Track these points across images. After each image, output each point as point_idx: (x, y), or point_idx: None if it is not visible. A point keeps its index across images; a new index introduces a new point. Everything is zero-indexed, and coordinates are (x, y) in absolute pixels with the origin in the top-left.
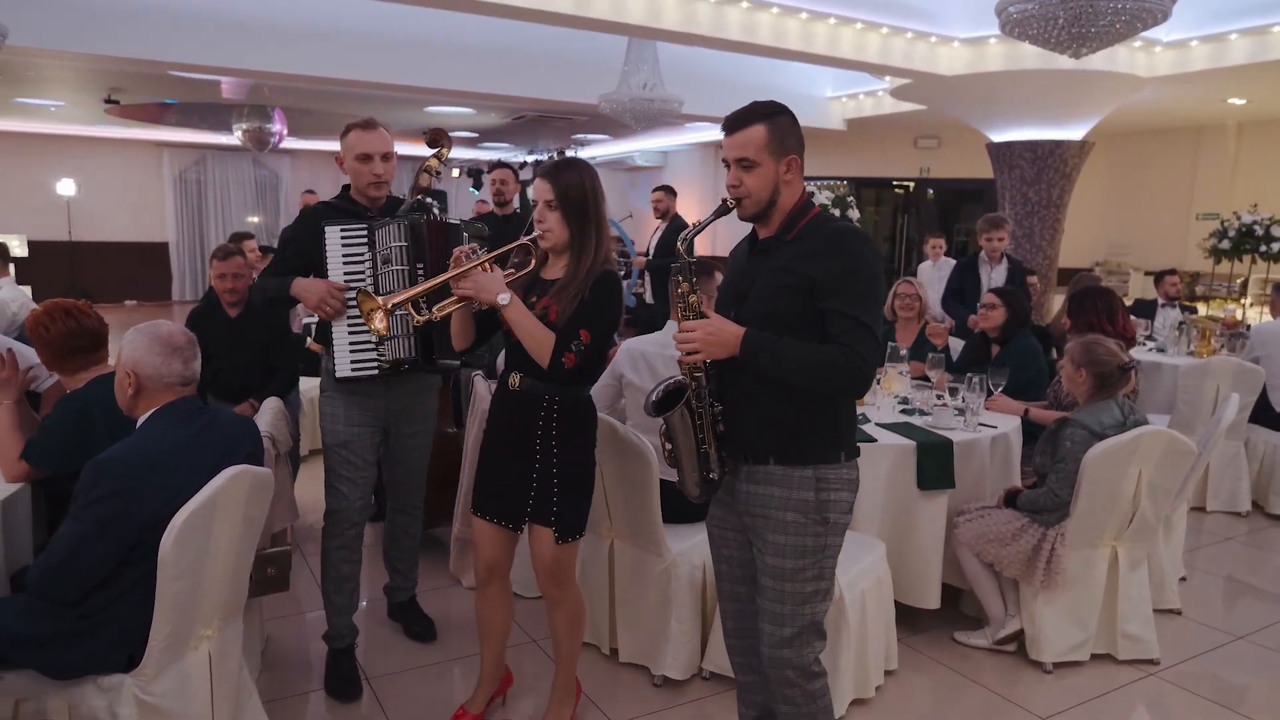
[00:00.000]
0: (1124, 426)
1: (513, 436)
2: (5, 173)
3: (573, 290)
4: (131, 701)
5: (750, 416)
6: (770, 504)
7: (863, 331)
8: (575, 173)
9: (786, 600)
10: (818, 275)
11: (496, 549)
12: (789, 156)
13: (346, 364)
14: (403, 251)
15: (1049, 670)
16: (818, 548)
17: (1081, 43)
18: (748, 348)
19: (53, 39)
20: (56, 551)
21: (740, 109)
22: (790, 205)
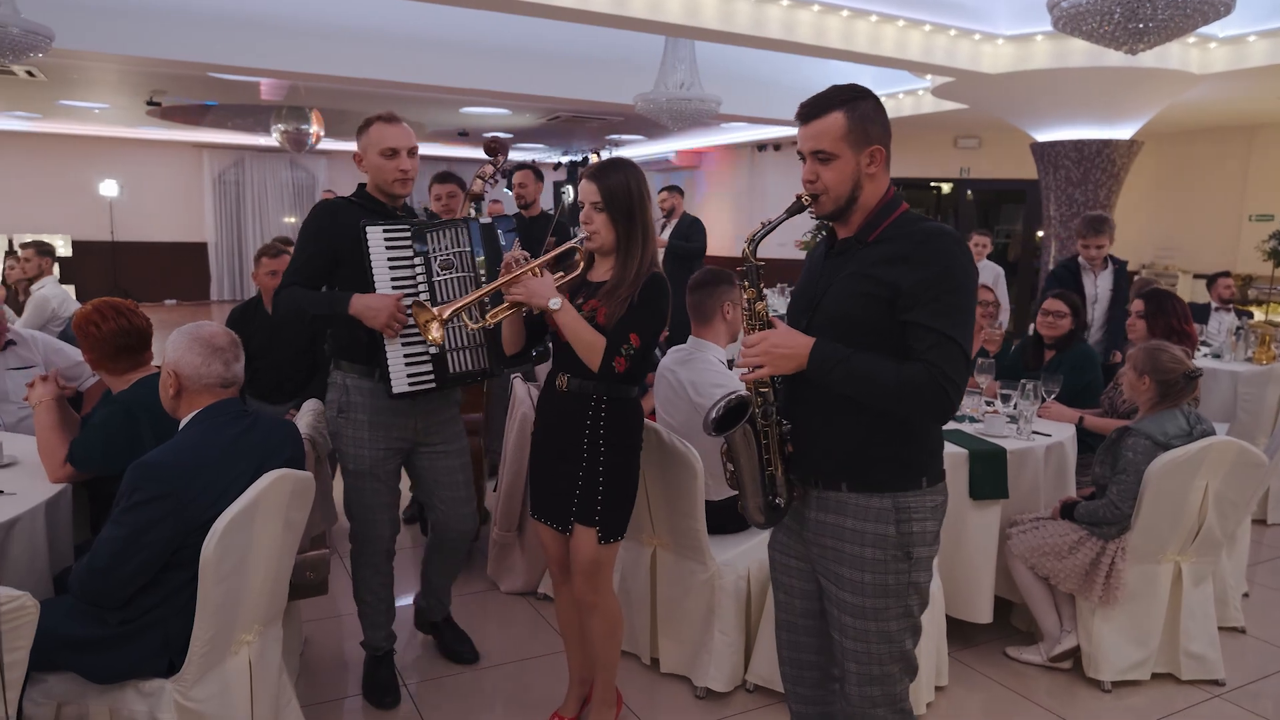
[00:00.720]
0: (1190, 436)
1: (560, 437)
2: (50, 174)
3: (622, 293)
4: (172, 707)
5: (821, 436)
6: (843, 536)
7: (951, 348)
8: (621, 174)
9: (871, 639)
10: (902, 283)
11: (562, 547)
12: (872, 147)
13: (403, 379)
14: (465, 257)
15: (1107, 689)
16: (901, 586)
17: (1138, 38)
18: (817, 361)
19: (97, 42)
20: (100, 555)
21: (816, 95)
22: (874, 202)
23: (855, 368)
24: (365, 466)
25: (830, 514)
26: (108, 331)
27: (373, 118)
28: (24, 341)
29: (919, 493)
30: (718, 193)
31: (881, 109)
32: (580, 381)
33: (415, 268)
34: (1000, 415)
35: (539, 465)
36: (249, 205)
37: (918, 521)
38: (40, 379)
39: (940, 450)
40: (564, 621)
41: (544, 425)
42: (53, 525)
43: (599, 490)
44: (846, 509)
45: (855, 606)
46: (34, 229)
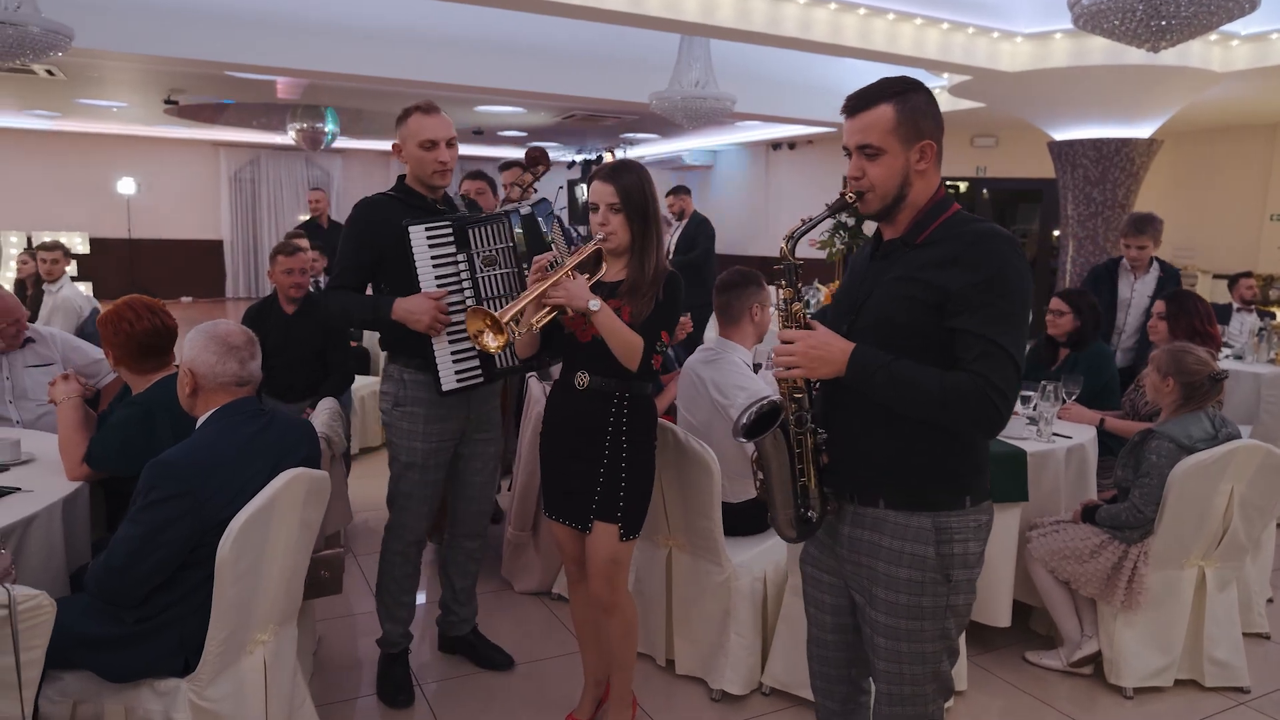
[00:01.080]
0: (1215, 440)
1: (580, 435)
2: (69, 172)
3: (645, 292)
4: (187, 706)
5: (858, 448)
6: (879, 554)
7: (1001, 359)
8: (634, 174)
9: (904, 660)
10: (951, 287)
11: (578, 546)
12: (923, 142)
13: (451, 376)
14: (509, 253)
15: (1129, 696)
16: (938, 609)
17: (1161, 36)
18: (856, 367)
19: (115, 41)
20: (116, 554)
21: (864, 86)
22: (923, 201)
23: (896, 375)
24: (418, 459)
25: (866, 530)
26: (140, 330)
27: (411, 108)
28: (42, 339)
29: (961, 512)
30: (731, 191)
31: (934, 102)
32: (602, 379)
33: (459, 265)
34: (1020, 417)
35: (553, 464)
36: (264, 203)
37: (959, 543)
38: (62, 377)
39: (987, 466)
40: (579, 621)
41: (558, 424)
42: (70, 523)
43: (621, 487)
44: (884, 526)
45: (889, 627)
46: (52, 226)
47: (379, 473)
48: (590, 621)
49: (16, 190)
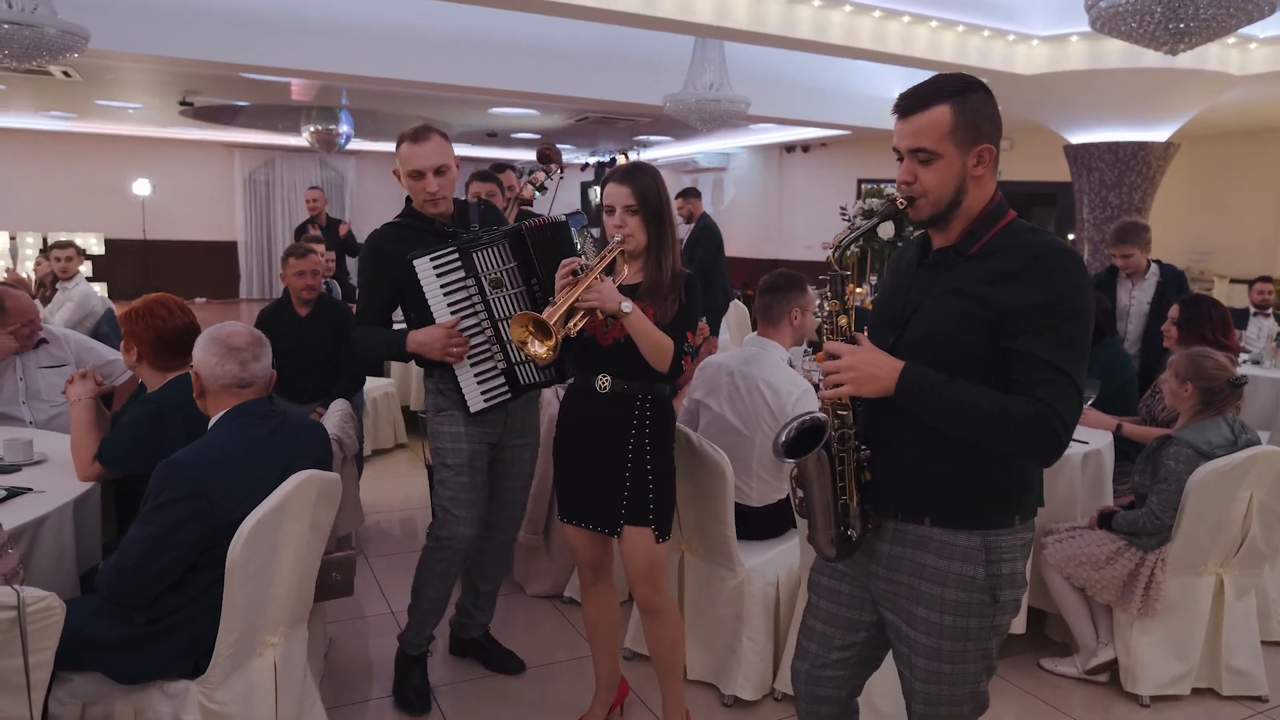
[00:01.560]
0: (1234, 446)
1: (601, 439)
2: (85, 173)
3: (667, 293)
4: (196, 709)
5: (905, 464)
6: (923, 574)
7: (1066, 387)
8: (648, 176)
9: (944, 681)
10: (1012, 305)
11: (594, 550)
12: (981, 146)
13: (478, 398)
14: (513, 273)
15: (1145, 704)
16: (983, 630)
17: (1179, 38)
18: (906, 388)
19: (131, 42)
20: (128, 554)
21: (918, 85)
22: (978, 209)
23: (950, 398)
24: (465, 459)
25: (909, 549)
26: (171, 327)
27: (403, 135)
28: (56, 340)
29: (1011, 531)
30: (745, 194)
31: (993, 102)
32: (625, 382)
33: (470, 289)
34: None
35: (570, 469)
36: (279, 205)
37: (1007, 562)
38: (79, 375)
39: (1037, 483)
40: (591, 626)
41: (576, 428)
42: (81, 524)
43: (649, 489)
44: (929, 545)
45: (929, 648)
46: (68, 227)
47: (392, 474)
48: (603, 626)
49: (33, 191)
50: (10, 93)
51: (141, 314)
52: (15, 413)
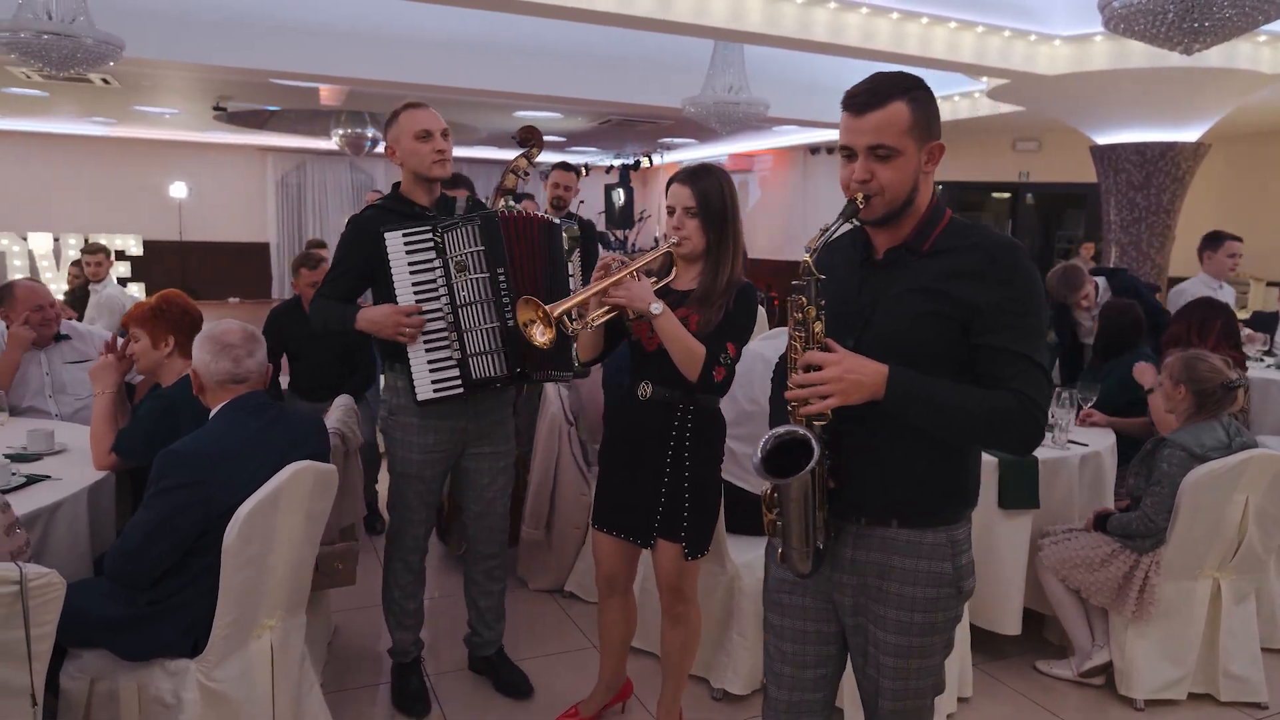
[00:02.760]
0: (1229, 449)
1: (640, 447)
2: (124, 177)
3: (716, 301)
4: (195, 686)
5: (872, 469)
6: (890, 575)
7: (1039, 375)
8: (714, 179)
9: (912, 676)
10: (982, 302)
11: (618, 562)
12: (933, 143)
13: (427, 385)
14: (479, 257)
15: (1140, 708)
16: (949, 621)
17: (1194, 38)
18: (895, 391)
19: (166, 50)
20: (130, 538)
21: (868, 82)
22: (925, 206)
23: (936, 397)
24: (412, 469)
25: (875, 551)
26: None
27: (399, 108)
28: (80, 335)
29: (964, 523)
30: (770, 196)
31: (935, 100)
32: (666, 390)
33: (435, 270)
34: None
35: (611, 476)
36: (310, 207)
37: (965, 554)
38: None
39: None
40: (605, 634)
41: (618, 435)
42: (95, 511)
43: (685, 504)
44: (895, 546)
45: (899, 646)
46: (109, 229)
47: None
48: (618, 634)
49: (75, 194)
50: (54, 100)
51: (174, 304)
52: (42, 405)
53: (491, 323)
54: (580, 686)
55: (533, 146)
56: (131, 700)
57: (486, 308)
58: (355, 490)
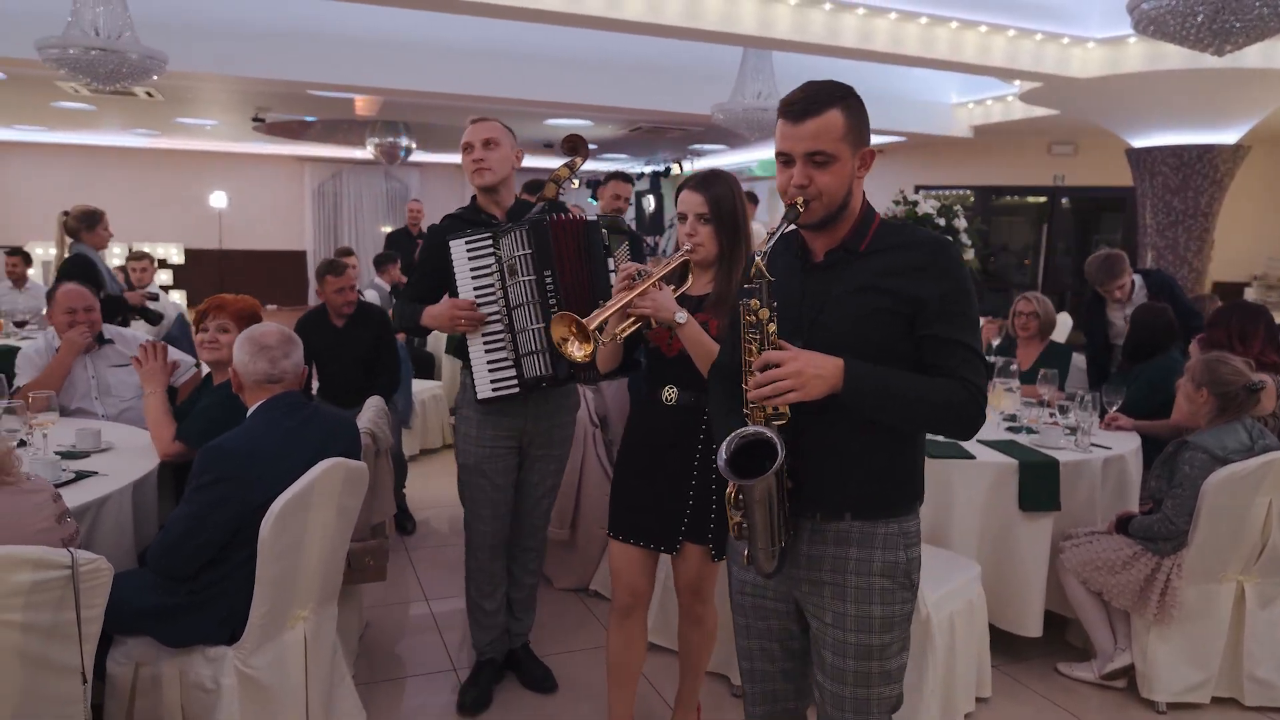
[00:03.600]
0: (1251, 451)
1: (666, 452)
2: (166, 187)
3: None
4: (233, 672)
5: (828, 464)
6: (846, 567)
7: (978, 363)
8: (725, 185)
9: (874, 683)
10: (925, 295)
11: (639, 574)
12: (864, 149)
13: (486, 385)
14: (527, 260)
15: (1162, 711)
16: (904, 616)
17: (1225, 39)
18: (852, 382)
19: (207, 64)
20: (172, 531)
21: (803, 90)
22: (859, 209)
23: (890, 386)
24: (472, 461)
25: (830, 545)
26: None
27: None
28: (123, 339)
29: (914, 516)
30: None
31: (865, 108)
32: (692, 395)
33: (493, 274)
34: (1059, 427)
35: (630, 482)
36: (345, 215)
37: (915, 546)
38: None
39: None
40: (615, 662)
41: (640, 441)
42: (139, 505)
43: (712, 506)
44: (850, 538)
45: (858, 647)
46: (151, 238)
47: (439, 473)
48: (628, 664)
49: (120, 204)
50: (100, 113)
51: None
52: (89, 407)
53: (538, 323)
54: (603, 684)
55: (578, 155)
56: (173, 685)
57: (534, 309)
58: (385, 488)
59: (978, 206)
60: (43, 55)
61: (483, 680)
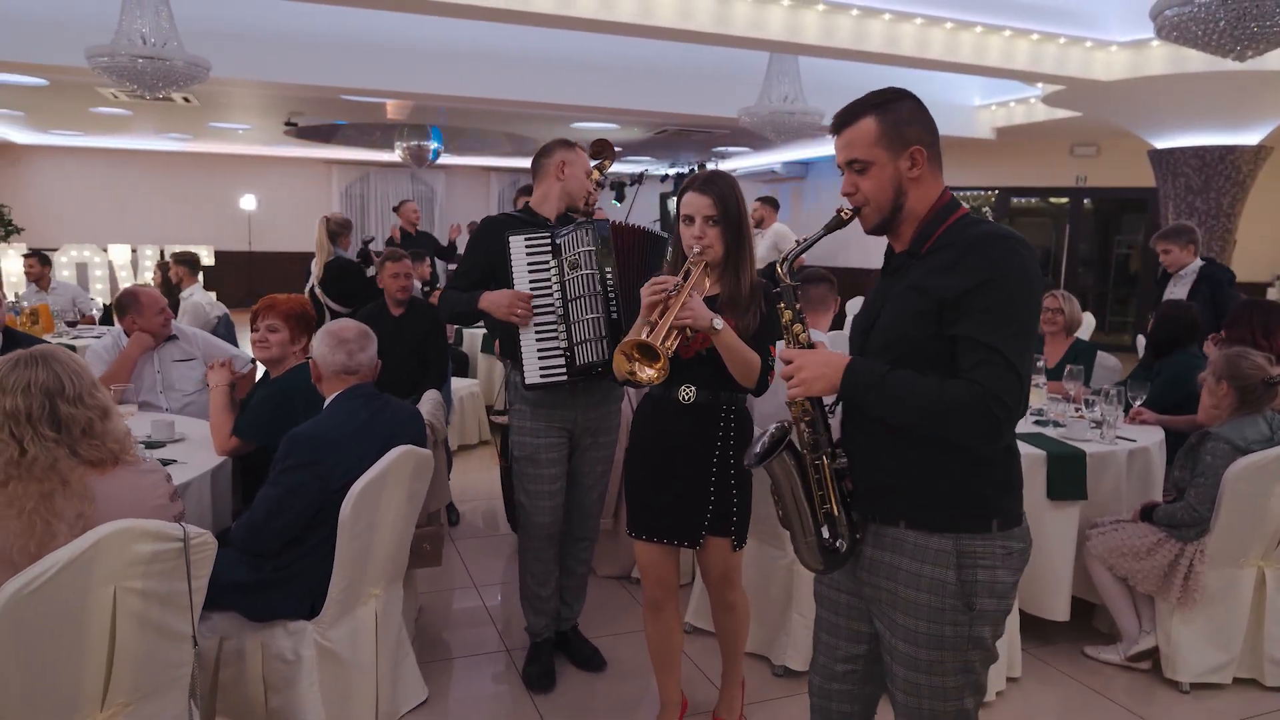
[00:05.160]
0: (1271, 442)
1: (684, 450)
2: (197, 190)
3: (745, 305)
4: (312, 644)
5: (879, 467)
6: (898, 577)
7: (999, 365)
8: (727, 184)
9: (924, 694)
10: (949, 293)
11: (666, 568)
12: (911, 149)
13: (535, 371)
14: (590, 256)
15: (1185, 690)
16: (959, 640)
17: (1246, 45)
18: (849, 381)
19: (243, 70)
20: (258, 511)
21: (850, 103)
22: (923, 210)
23: (889, 387)
24: (528, 452)
25: (887, 552)
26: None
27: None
28: (185, 337)
29: (987, 537)
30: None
31: (921, 109)
32: (710, 394)
33: (550, 269)
34: (1085, 420)
35: (648, 482)
36: (373, 217)
37: (984, 569)
38: (218, 364)
39: (1017, 488)
40: (656, 649)
41: (654, 440)
42: (216, 491)
43: (734, 500)
44: (904, 548)
45: (908, 656)
46: (183, 240)
47: (477, 468)
48: (669, 649)
49: (152, 207)
50: (135, 118)
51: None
52: (154, 400)
53: (596, 313)
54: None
55: (605, 159)
56: (255, 656)
57: (593, 300)
58: (442, 477)
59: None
60: (92, 64)
61: (544, 658)
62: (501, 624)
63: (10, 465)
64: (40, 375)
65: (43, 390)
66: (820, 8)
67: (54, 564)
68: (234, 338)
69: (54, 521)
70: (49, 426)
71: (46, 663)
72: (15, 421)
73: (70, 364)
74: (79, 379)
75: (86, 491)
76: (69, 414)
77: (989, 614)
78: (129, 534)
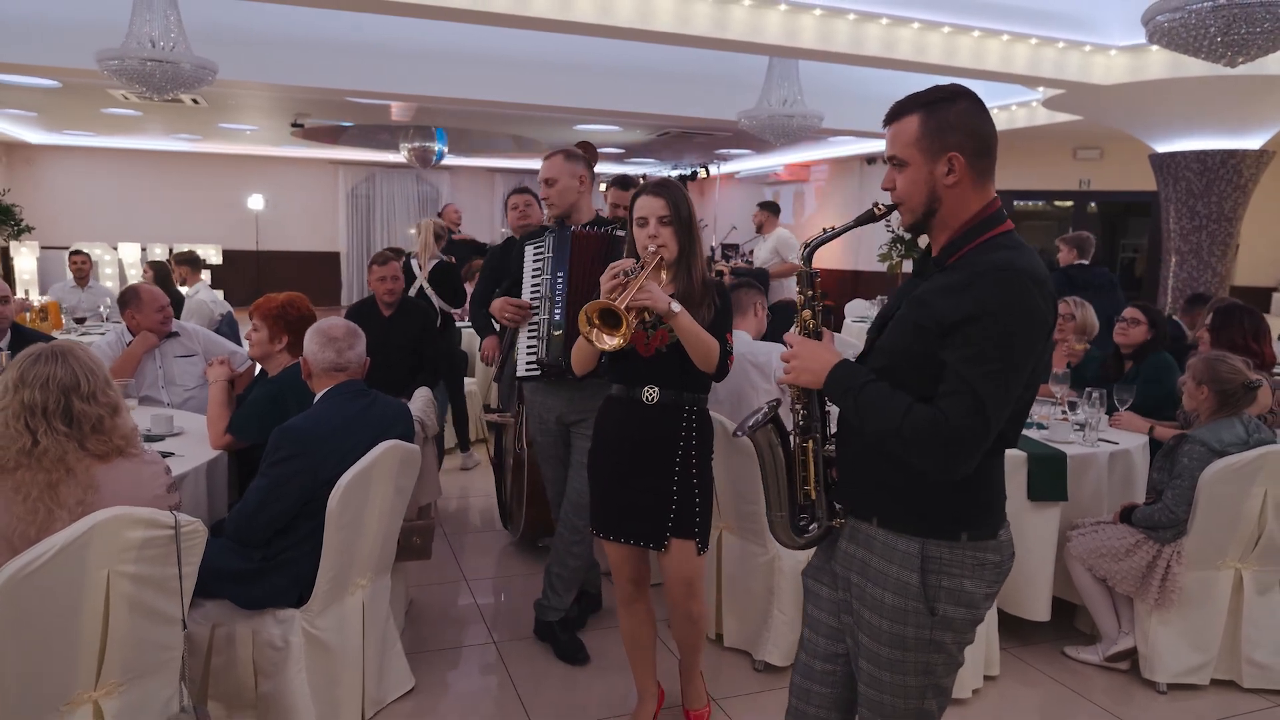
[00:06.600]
0: (1247, 445)
1: (648, 450)
2: (205, 190)
3: (699, 300)
4: (300, 632)
5: (857, 462)
6: (867, 574)
7: (967, 401)
8: (678, 188)
9: (885, 689)
10: (944, 317)
11: (637, 565)
12: (949, 154)
13: (522, 366)
14: (547, 261)
15: (1163, 691)
16: (921, 642)
17: (1237, 50)
18: (831, 382)
19: (251, 72)
20: (249, 502)
21: (905, 96)
22: (959, 220)
23: (861, 398)
24: (535, 435)
25: (859, 547)
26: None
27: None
28: (186, 333)
29: (955, 545)
30: (826, 207)
31: (973, 114)
32: (674, 393)
33: (541, 272)
34: (1068, 423)
35: (612, 484)
36: (378, 217)
37: (949, 576)
38: (218, 361)
39: (996, 503)
40: (630, 642)
41: (618, 441)
42: (212, 483)
43: (695, 501)
44: (874, 545)
45: (870, 651)
46: (191, 239)
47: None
48: (642, 641)
49: (161, 206)
50: (145, 119)
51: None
52: (156, 395)
53: (546, 316)
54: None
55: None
56: (246, 643)
57: (546, 305)
58: (432, 473)
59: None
60: (102, 66)
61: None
62: (489, 615)
63: (22, 454)
64: (59, 372)
65: (60, 386)
66: (817, 12)
67: (50, 547)
68: (237, 336)
69: (56, 509)
70: (62, 421)
71: (42, 642)
72: (32, 414)
73: (87, 361)
74: (94, 377)
75: (91, 481)
76: (82, 410)
77: (954, 621)
78: (122, 521)
